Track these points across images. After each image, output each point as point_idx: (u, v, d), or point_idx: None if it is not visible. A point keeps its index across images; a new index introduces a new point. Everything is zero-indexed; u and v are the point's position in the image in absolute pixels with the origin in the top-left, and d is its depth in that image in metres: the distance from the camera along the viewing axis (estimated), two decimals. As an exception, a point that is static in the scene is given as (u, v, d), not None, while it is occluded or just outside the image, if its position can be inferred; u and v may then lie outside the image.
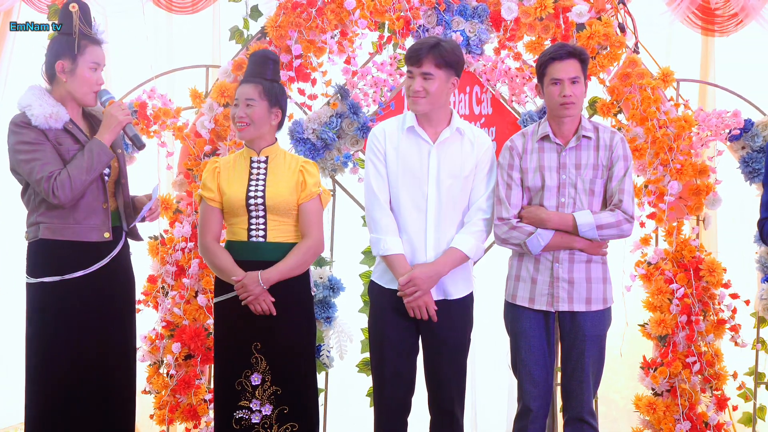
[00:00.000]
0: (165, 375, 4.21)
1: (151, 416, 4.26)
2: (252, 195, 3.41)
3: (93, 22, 3.37)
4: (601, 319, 3.43)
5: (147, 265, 4.29)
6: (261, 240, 3.41)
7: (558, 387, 3.78)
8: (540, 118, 3.68)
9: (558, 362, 3.59)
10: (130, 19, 4.66)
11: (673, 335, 4.13)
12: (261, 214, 3.41)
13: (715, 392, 4.15)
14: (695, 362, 4.09)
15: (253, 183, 3.43)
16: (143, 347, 4.20)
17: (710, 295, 4.17)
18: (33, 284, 3.30)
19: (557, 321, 3.45)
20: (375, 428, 3.51)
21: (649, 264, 4.22)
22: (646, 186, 4.21)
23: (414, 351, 3.46)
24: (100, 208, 3.36)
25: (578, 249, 3.38)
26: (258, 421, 3.38)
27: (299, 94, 4.30)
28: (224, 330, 3.46)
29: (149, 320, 4.26)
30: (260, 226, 3.42)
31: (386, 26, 4.31)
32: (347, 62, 4.31)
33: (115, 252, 3.38)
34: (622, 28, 4.24)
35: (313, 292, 3.99)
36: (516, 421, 3.50)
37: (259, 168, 3.46)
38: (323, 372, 4.38)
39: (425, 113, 3.38)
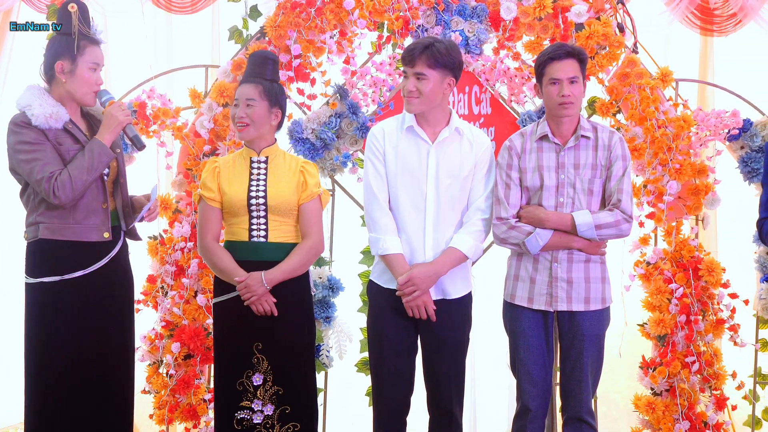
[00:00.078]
0: (164, 375, 4.21)
1: (151, 416, 4.26)
2: (253, 195, 3.41)
3: (92, 22, 3.37)
4: (600, 319, 3.44)
5: (146, 265, 4.29)
6: (262, 240, 3.41)
7: (557, 386, 3.78)
8: (539, 118, 3.68)
9: (557, 362, 3.59)
10: (130, 19, 4.66)
11: (672, 335, 4.13)
12: (262, 215, 3.41)
13: (714, 392, 4.14)
14: (694, 362, 4.09)
15: (254, 183, 3.43)
16: (143, 347, 4.21)
17: (709, 295, 4.17)
18: (32, 284, 3.30)
19: (556, 321, 3.45)
20: (374, 428, 3.51)
21: (648, 264, 4.22)
22: (645, 186, 4.21)
23: (413, 350, 3.46)
24: (100, 208, 3.36)
25: (577, 249, 3.39)
26: (260, 421, 3.38)
27: (298, 94, 4.30)
28: (224, 330, 3.45)
29: (149, 320, 4.26)
30: (261, 226, 3.42)
31: (385, 26, 4.31)
32: (346, 62, 4.31)
33: (114, 252, 3.38)
34: (621, 28, 4.24)
35: (313, 292, 3.99)
36: (515, 421, 3.50)
37: (260, 168, 3.46)
38: (322, 372, 4.38)
39: (419, 113, 3.38)
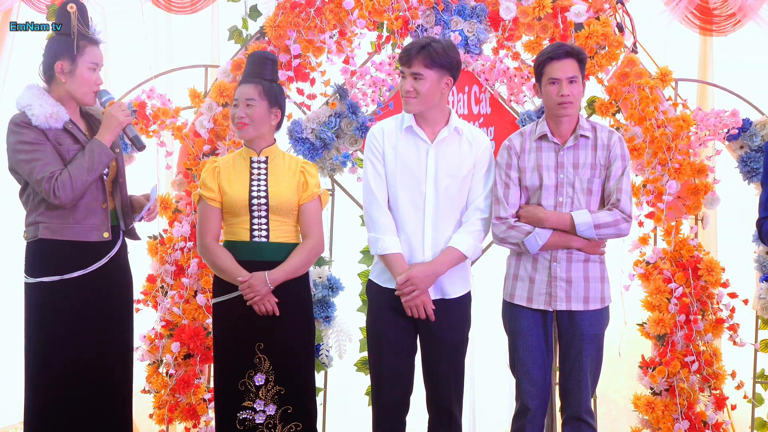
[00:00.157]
0: (164, 374, 4.21)
1: (151, 415, 4.26)
2: (255, 195, 3.41)
3: (91, 22, 3.37)
4: (599, 319, 3.44)
5: (146, 265, 4.29)
6: (264, 240, 3.41)
7: (556, 386, 3.78)
8: (538, 118, 3.68)
9: (556, 361, 3.59)
10: (129, 19, 4.67)
11: (672, 334, 4.13)
12: (263, 215, 3.41)
13: (714, 391, 4.14)
14: (694, 361, 4.09)
15: (255, 183, 3.43)
16: (142, 346, 4.21)
17: (709, 295, 4.16)
18: (32, 284, 3.30)
19: (555, 320, 3.45)
20: (373, 427, 3.51)
21: (648, 263, 4.22)
22: (645, 185, 4.21)
23: (412, 350, 3.46)
24: (100, 208, 3.36)
25: (576, 248, 3.38)
26: (262, 422, 3.38)
27: (298, 94, 4.30)
28: (224, 330, 3.45)
29: (148, 320, 4.26)
30: (263, 227, 3.42)
31: (385, 26, 4.31)
32: (346, 62, 4.31)
33: (114, 252, 3.38)
34: (621, 28, 4.24)
35: (312, 292, 3.99)
36: (514, 420, 3.50)
37: (260, 168, 3.46)
38: (322, 371, 4.38)
39: (418, 113, 3.38)
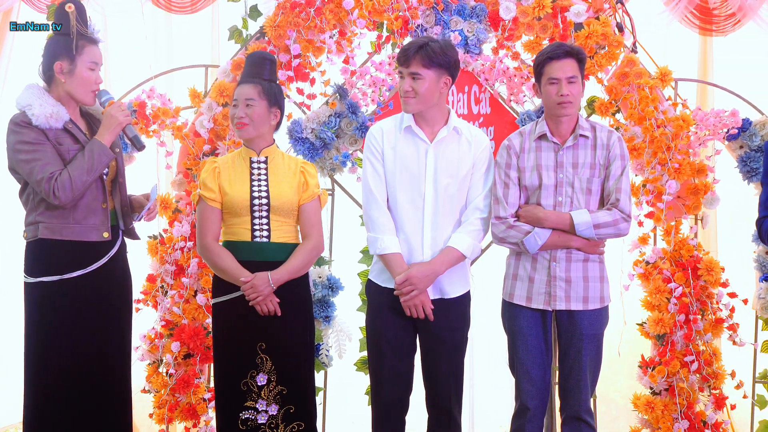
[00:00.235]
0: (164, 374, 4.21)
1: (151, 415, 4.26)
2: (256, 195, 3.41)
3: (89, 22, 3.37)
4: (599, 318, 3.44)
5: (146, 265, 4.29)
6: (265, 240, 3.41)
7: (556, 386, 3.78)
8: (538, 118, 3.68)
9: (555, 361, 3.59)
10: (130, 19, 4.67)
11: (672, 334, 4.14)
12: (264, 215, 3.41)
13: (713, 391, 4.15)
14: (693, 361, 4.09)
15: (256, 183, 3.43)
16: (143, 346, 4.21)
17: (708, 294, 4.17)
18: (31, 284, 3.31)
19: (554, 320, 3.45)
20: (373, 427, 3.51)
21: (648, 263, 4.22)
22: (644, 185, 4.21)
23: (411, 350, 3.46)
24: (100, 208, 3.36)
25: (575, 248, 3.39)
26: (264, 421, 3.38)
27: (298, 94, 4.30)
28: (224, 330, 3.45)
29: (148, 319, 4.26)
30: (264, 227, 3.42)
31: (385, 26, 4.32)
32: (346, 62, 4.31)
33: (113, 251, 3.39)
34: (620, 28, 4.24)
35: (312, 292, 3.99)
36: (513, 420, 3.50)
37: (260, 168, 3.46)
38: (322, 371, 4.38)
39: (417, 113, 3.39)
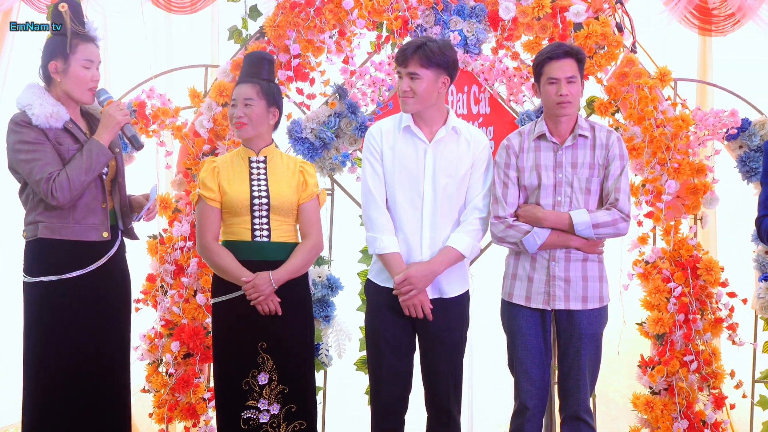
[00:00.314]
0: (164, 374, 4.22)
1: (150, 415, 4.26)
2: (256, 195, 3.41)
3: (86, 20, 3.35)
4: (598, 318, 3.44)
5: (146, 264, 4.30)
6: (265, 240, 3.41)
7: (555, 385, 3.78)
8: (537, 118, 3.69)
9: (555, 360, 3.60)
10: (129, 19, 4.67)
11: (671, 334, 4.14)
12: (264, 214, 3.42)
13: (713, 391, 4.15)
14: (693, 361, 4.09)
15: (255, 183, 3.44)
16: (142, 346, 4.22)
17: (708, 294, 4.17)
18: (31, 283, 3.31)
19: (554, 319, 3.46)
20: (372, 426, 3.51)
21: (647, 263, 4.22)
22: (644, 185, 4.21)
23: (411, 349, 3.47)
24: (99, 208, 3.36)
25: (574, 247, 3.39)
26: (266, 421, 3.39)
27: (298, 94, 4.30)
28: (224, 330, 3.45)
29: (148, 319, 4.27)
30: (264, 226, 3.42)
31: (384, 26, 4.32)
32: (345, 62, 4.31)
33: (113, 251, 3.39)
34: (620, 28, 4.24)
35: (312, 291, 3.99)
36: (513, 419, 3.50)
37: (259, 168, 3.47)
38: (322, 370, 4.39)
39: (416, 113, 3.39)
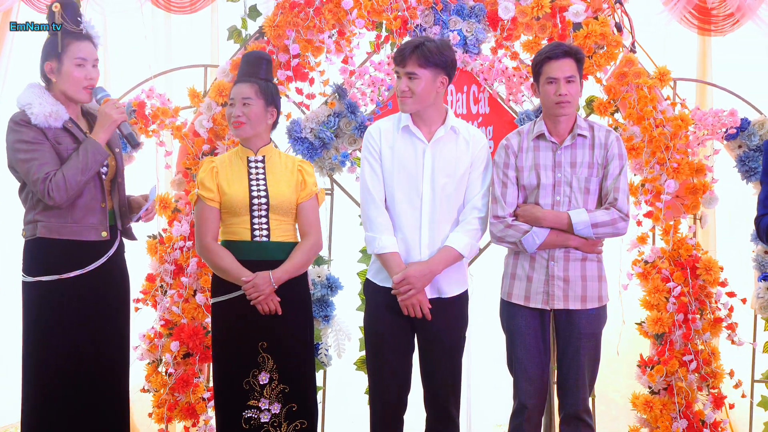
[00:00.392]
0: (164, 373, 4.22)
1: (150, 415, 4.26)
2: (255, 195, 3.41)
3: (81, 18, 3.34)
4: (597, 317, 3.44)
5: (145, 264, 4.30)
6: (265, 239, 3.42)
7: (554, 385, 3.78)
8: (537, 117, 3.69)
9: (554, 360, 3.60)
10: (129, 19, 4.67)
11: (670, 333, 4.14)
12: (263, 214, 3.42)
13: (712, 390, 4.15)
14: (692, 360, 4.09)
15: (254, 183, 3.44)
16: (142, 345, 4.22)
17: (707, 294, 4.17)
18: (29, 283, 3.31)
19: (553, 319, 3.46)
20: (371, 426, 3.52)
21: (646, 262, 4.22)
22: (643, 185, 4.21)
23: (409, 349, 3.47)
24: (98, 208, 3.36)
25: (573, 247, 3.39)
26: (267, 420, 3.39)
27: (297, 94, 4.30)
28: (224, 330, 3.45)
29: (148, 319, 4.27)
30: (263, 226, 3.42)
31: (384, 26, 4.32)
32: (345, 62, 4.31)
33: (112, 251, 3.39)
34: (619, 28, 4.24)
35: (311, 291, 4.00)
36: (512, 419, 3.51)
37: (257, 168, 3.47)
38: (321, 370, 4.39)
39: (414, 113, 3.39)
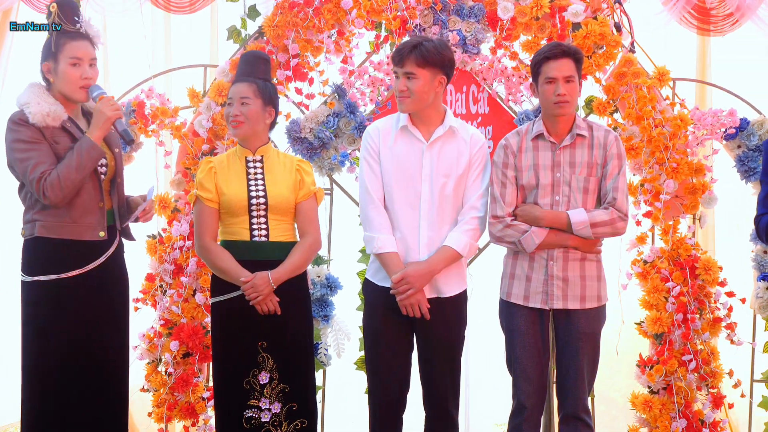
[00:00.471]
0: (163, 373, 4.22)
1: (150, 414, 4.27)
2: (253, 195, 3.42)
3: (79, 18, 3.33)
4: (596, 317, 3.45)
5: (145, 264, 4.30)
6: (264, 239, 3.42)
7: (553, 384, 3.78)
8: (536, 117, 3.69)
9: (553, 360, 3.60)
10: (129, 19, 4.68)
11: (669, 333, 4.14)
12: (262, 214, 3.42)
13: (711, 390, 4.15)
14: (691, 360, 4.09)
15: (252, 183, 3.44)
16: (141, 345, 4.22)
17: (706, 294, 4.17)
18: (28, 282, 3.31)
19: (552, 319, 3.46)
20: (370, 425, 3.53)
21: (646, 262, 4.22)
22: (642, 185, 4.21)
23: (408, 348, 3.47)
24: (97, 207, 3.36)
25: (572, 247, 3.39)
26: (268, 420, 3.39)
27: (296, 94, 4.31)
28: (224, 330, 3.45)
29: (148, 318, 4.27)
30: (262, 226, 3.42)
31: (383, 26, 4.32)
32: (344, 62, 4.32)
33: (110, 251, 3.39)
34: (618, 28, 4.24)
35: (311, 291, 4.00)
36: (511, 419, 3.51)
37: (256, 167, 3.47)
38: (321, 370, 4.39)
39: (412, 112, 3.39)
